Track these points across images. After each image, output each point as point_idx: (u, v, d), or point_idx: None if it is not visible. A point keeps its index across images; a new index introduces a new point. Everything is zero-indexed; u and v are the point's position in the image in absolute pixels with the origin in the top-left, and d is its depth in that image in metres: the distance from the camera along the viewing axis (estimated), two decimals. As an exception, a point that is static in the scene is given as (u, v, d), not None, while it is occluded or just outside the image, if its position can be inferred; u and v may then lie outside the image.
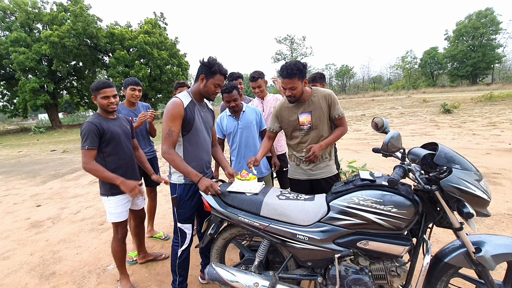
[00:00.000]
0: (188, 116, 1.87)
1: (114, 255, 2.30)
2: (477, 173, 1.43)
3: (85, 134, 2.02)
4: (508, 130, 8.20)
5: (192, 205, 2.01)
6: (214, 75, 1.87)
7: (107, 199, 2.18)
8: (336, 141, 2.25)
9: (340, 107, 2.19)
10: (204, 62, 1.87)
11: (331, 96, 2.15)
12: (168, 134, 1.82)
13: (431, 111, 15.01)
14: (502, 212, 3.19)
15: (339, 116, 2.17)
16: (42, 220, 4.09)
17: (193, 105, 1.93)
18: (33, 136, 20.19)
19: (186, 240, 2.03)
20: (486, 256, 1.44)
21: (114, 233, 2.27)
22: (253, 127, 2.64)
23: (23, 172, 7.92)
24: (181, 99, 1.87)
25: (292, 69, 1.98)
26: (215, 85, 1.90)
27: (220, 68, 1.87)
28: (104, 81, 2.17)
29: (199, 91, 1.94)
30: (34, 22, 25.33)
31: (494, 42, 40.85)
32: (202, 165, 2.03)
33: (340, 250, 1.57)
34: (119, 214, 2.21)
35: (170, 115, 1.82)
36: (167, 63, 27.24)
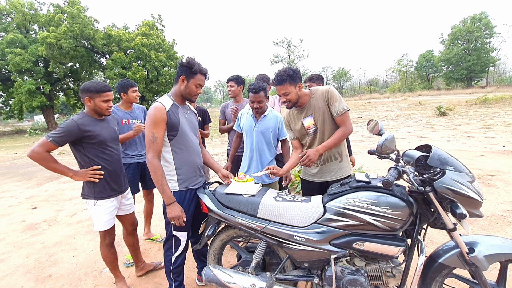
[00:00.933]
0: (172, 120, 1.80)
1: (105, 259, 2.26)
2: (470, 175, 1.45)
3: (62, 129, 1.90)
4: (502, 132, 8.31)
5: (189, 212, 1.92)
6: (194, 75, 1.83)
7: (93, 205, 2.08)
8: (338, 144, 2.06)
9: (342, 103, 2.02)
10: (183, 63, 1.83)
11: (328, 92, 2.05)
12: (152, 141, 1.75)
13: (427, 114, 15.15)
14: (496, 213, 3.23)
15: (339, 113, 2.01)
16: (38, 223, 4.06)
17: (175, 108, 1.86)
18: (28, 138, 20.05)
19: (180, 247, 1.96)
20: (479, 256, 1.46)
21: (101, 240, 2.21)
22: (269, 134, 2.55)
23: (18, 174, 7.86)
24: (162, 102, 1.80)
25: (281, 75, 2.00)
26: (196, 86, 1.87)
27: (200, 68, 1.84)
28: (104, 83, 2.08)
29: (180, 93, 1.89)
30: (31, 23, 25.25)
31: (488, 46, 41.39)
32: (195, 168, 1.96)
33: (336, 251, 1.59)
34: (106, 222, 2.13)
35: (152, 120, 1.75)
36: (165, 65, 27.23)
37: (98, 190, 2.07)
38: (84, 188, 2.11)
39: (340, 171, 2.15)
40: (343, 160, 2.17)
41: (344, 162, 2.18)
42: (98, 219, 2.11)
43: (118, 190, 2.20)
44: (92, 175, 2.03)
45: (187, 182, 1.91)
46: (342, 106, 2.01)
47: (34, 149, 1.86)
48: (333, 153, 2.14)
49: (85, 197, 2.11)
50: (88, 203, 2.12)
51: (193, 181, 1.95)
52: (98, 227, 2.13)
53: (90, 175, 2.02)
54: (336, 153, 2.15)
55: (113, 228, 2.23)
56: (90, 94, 2.00)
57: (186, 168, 1.90)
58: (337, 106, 2.01)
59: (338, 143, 2.06)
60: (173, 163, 1.87)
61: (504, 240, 1.53)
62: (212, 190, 1.96)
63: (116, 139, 2.22)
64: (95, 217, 2.12)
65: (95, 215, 2.11)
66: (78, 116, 2.01)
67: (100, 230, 2.14)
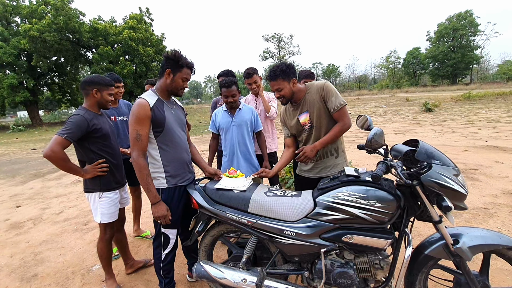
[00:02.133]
0: (157, 116, 1.74)
1: (101, 255, 2.23)
2: (455, 168, 1.49)
3: (72, 125, 1.88)
4: (485, 128, 8.57)
5: (177, 210, 1.90)
6: (181, 68, 1.78)
7: (98, 197, 2.08)
8: (335, 139, 2.04)
9: (338, 98, 1.97)
10: (169, 55, 1.77)
11: (323, 88, 2.00)
12: (136, 139, 1.69)
13: (414, 110, 15.47)
14: (479, 206, 3.35)
15: (336, 109, 1.96)
16: (23, 221, 3.95)
17: (160, 103, 1.80)
18: (11, 134, 19.38)
19: (170, 245, 1.93)
20: (463, 247, 1.51)
21: (101, 234, 2.19)
22: (246, 126, 2.60)
23: (1, 171, 7.60)
24: (146, 99, 1.74)
25: (274, 71, 1.99)
26: (182, 79, 1.81)
27: (187, 61, 1.80)
28: (108, 78, 2.14)
29: (165, 87, 1.83)
30: (12, 15, 24.26)
31: (472, 44, 42.50)
32: (183, 164, 1.93)
33: (326, 244, 1.61)
34: (112, 214, 2.14)
35: (136, 118, 1.69)
36: (153, 59, 26.74)
37: (103, 182, 2.08)
38: (86, 182, 2.09)
39: (336, 167, 2.12)
40: (339, 156, 2.14)
41: (341, 158, 2.15)
42: (104, 211, 2.10)
43: (121, 183, 2.25)
44: (99, 169, 2.04)
45: (176, 179, 1.88)
46: (339, 101, 1.96)
47: (53, 148, 1.81)
48: (329, 149, 2.11)
49: (90, 191, 2.10)
50: (91, 197, 2.10)
51: (181, 178, 1.91)
52: (104, 219, 2.11)
53: (97, 170, 2.04)
54: (333, 149, 2.12)
55: (115, 222, 2.22)
56: (98, 86, 2.04)
57: (174, 165, 1.87)
58: (333, 102, 1.97)
59: (336, 139, 2.04)
60: (160, 160, 1.83)
61: (487, 231, 1.58)
62: (202, 186, 1.94)
63: (114, 133, 2.24)
64: (100, 210, 2.10)
65: (101, 207, 2.09)
66: (82, 111, 2.00)
67: (105, 222, 2.12)
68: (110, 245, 2.24)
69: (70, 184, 5.83)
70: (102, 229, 2.18)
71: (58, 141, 1.83)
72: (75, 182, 5.89)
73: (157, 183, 1.84)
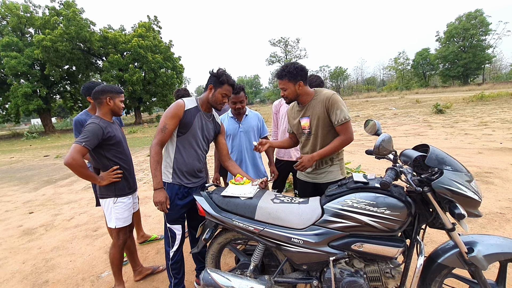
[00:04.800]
0: (186, 119, 1.91)
1: (112, 262, 2.25)
2: (468, 174, 1.44)
3: (89, 133, 1.94)
4: (499, 129, 8.34)
5: (180, 206, 1.99)
6: (222, 85, 1.93)
7: (113, 203, 2.12)
8: (335, 152, 2.05)
9: (343, 112, 1.95)
10: (213, 72, 1.95)
11: (329, 99, 1.99)
12: (162, 130, 1.87)
13: (424, 112, 15.20)
14: (494, 211, 3.23)
15: (339, 122, 1.96)
16: (35, 228, 4.03)
17: (196, 110, 1.98)
18: (25, 141, 19.92)
19: (176, 241, 2.03)
20: (478, 256, 1.45)
21: (115, 239, 2.21)
22: (253, 132, 2.62)
23: (15, 178, 7.81)
24: (185, 102, 1.94)
25: (282, 70, 2.03)
26: (222, 95, 1.95)
27: (228, 78, 1.94)
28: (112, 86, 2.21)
29: (207, 100, 2.01)
30: (26, 26, 25.14)
31: (484, 43, 41.64)
32: (191, 170, 2.01)
33: (335, 252, 1.57)
34: (126, 218, 2.19)
35: (169, 113, 1.89)
36: (162, 66, 27.20)
37: (118, 188, 2.14)
38: (101, 189, 2.14)
39: (330, 175, 2.15)
40: (333, 164, 2.16)
41: (335, 167, 2.16)
42: (118, 216, 2.15)
43: (134, 188, 2.31)
44: (114, 176, 2.10)
45: (180, 179, 1.98)
46: (344, 116, 1.95)
47: (73, 156, 1.85)
48: (324, 159, 2.13)
49: (104, 197, 2.14)
50: (105, 203, 2.15)
51: (187, 180, 2.01)
52: (118, 223, 2.16)
53: (112, 176, 2.09)
54: (328, 159, 2.14)
55: (127, 227, 2.25)
56: (111, 94, 2.12)
57: (182, 167, 1.98)
58: (338, 115, 1.96)
59: (335, 151, 2.05)
60: (173, 157, 1.97)
61: (503, 239, 1.52)
62: (209, 192, 1.94)
63: (126, 140, 2.31)
64: (115, 215, 2.14)
65: (115, 212, 2.14)
66: (97, 119, 2.06)
67: (120, 226, 2.17)
68: (122, 251, 2.27)
69: (81, 190, 5.93)
70: (115, 234, 2.20)
71: (77, 149, 1.88)
72: (85, 188, 5.99)
73: (164, 176, 1.98)
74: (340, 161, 2.19)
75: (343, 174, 2.18)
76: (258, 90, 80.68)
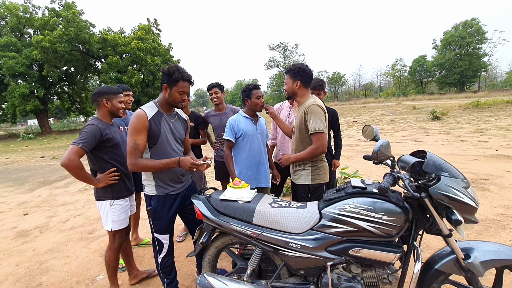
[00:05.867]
0: (153, 129, 1.80)
1: (108, 264, 2.23)
2: (465, 181, 1.46)
3: (87, 134, 1.95)
4: (494, 136, 8.42)
5: (167, 216, 1.95)
6: (176, 82, 1.82)
7: (109, 205, 2.11)
8: (307, 159, 2.17)
9: (316, 123, 2.05)
10: (164, 71, 1.83)
11: (306, 109, 2.10)
12: (134, 148, 1.75)
13: (421, 118, 15.32)
14: (490, 217, 3.25)
15: (311, 131, 2.07)
16: (29, 229, 3.98)
17: (159, 116, 1.86)
18: (21, 142, 19.76)
19: (164, 249, 2.00)
20: (475, 262, 1.46)
21: (111, 242, 2.20)
22: (266, 135, 2.72)
23: (10, 179, 7.73)
24: (145, 110, 1.80)
25: (289, 67, 2.25)
26: (179, 93, 1.84)
27: (182, 74, 1.81)
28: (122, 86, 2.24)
29: (165, 101, 1.89)
30: (25, 27, 25.06)
31: (480, 51, 42.14)
32: (173, 176, 1.95)
33: (333, 258, 1.57)
34: (122, 221, 2.18)
35: (134, 128, 1.76)
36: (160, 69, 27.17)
37: (115, 190, 2.13)
38: (98, 191, 2.13)
39: (301, 178, 2.27)
40: (305, 169, 2.25)
41: (306, 171, 2.24)
42: (115, 218, 2.14)
43: (131, 190, 2.30)
44: (111, 178, 2.09)
45: (164, 188, 1.93)
46: (315, 126, 2.05)
47: (70, 157, 1.86)
48: (298, 163, 2.28)
49: (101, 199, 2.13)
50: (102, 205, 2.14)
51: (171, 188, 1.95)
52: (115, 226, 2.15)
53: (109, 178, 2.08)
54: (301, 163, 2.26)
55: (124, 229, 2.24)
56: (107, 95, 2.12)
57: (164, 176, 1.91)
58: (311, 124, 2.08)
59: (307, 158, 2.17)
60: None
61: (499, 246, 1.53)
62: (206, 196, 1.94)
63: (124, 142, 2.24)
64: (111, 217, 2.13)
65: (112, 215, 2.13)
66: (96, 121, 2.07)
67: (116, 229, 2.15)
68: (118, 254, 2.25)
69: (76, 192, 5.88)
70: (111, 237, 2.19)
71: (74, 150, 1.88)
72: (81, 190, 5.94)
73: (148, 190, 1.93)
74: (313, 168, 2.23)
75: (314, 181, 2.23)
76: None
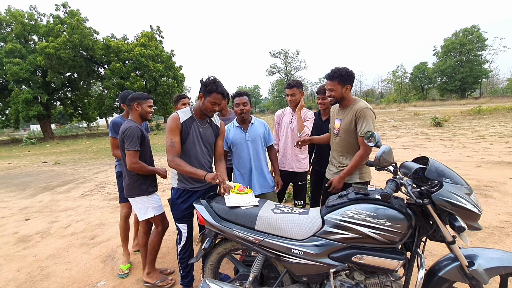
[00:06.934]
0: (184, 130, 2.05)
1: (153, 247, 2.44)
2: (467, 187, 1.46)
3: (132, 137, 2.21)
4: (497, 143, 8.39)
5: (182, 208, 2.15)
6: (210, 93, 1.99)
7: (146, 197, 2.36)
8: (358, 166, 2.21)
9: (367, 126, 2.09)
10: (202, 81, 2.03)
11: (358, 112, 2.14)
12: (171, 146, 2.01)
13: (422, 124, 15.30)
14: (494, 224, 3.23)
15: (361, 134, 2.10)
16: (31, 235, 3.98)
17: (191, 120, 2.09)
18: (24, 147, 19.85)
19: (183, 238, 2.19)
20: (479, 269, 1.45)
21: (157, 227, 2.44)
22: (260, 140, 2.59)
23: (12, 184, 7.74)
24: (179, 114, 2.06)
25: (334, 72, 2.18)
26: (211, 103, 2.01)
27: (216, 86, 1.98)
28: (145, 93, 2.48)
29: (199, 108, 2.09)
30: (30, 33, 25.44)
31: (480, 58, 42.32)
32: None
33: (335, 264, 1.56)
34: (159, 206, 2.44)
35: (169, 129, 2.02)
36: (163, 75, 27.44)
37: (148, 185, 2.38)
38: (131, 189, 2.35)
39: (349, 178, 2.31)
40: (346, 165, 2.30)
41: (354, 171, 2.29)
42: (154, 205, 2.40)
43: (157, 187, 2.53)
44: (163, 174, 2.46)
45: (185, 184, 2.14)
46: (367, 129, 2.08)
47: (131, 161, 2.22)
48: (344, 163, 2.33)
49: (135, 196, 2.36)
50: (137, 200, 2.37)
51: (191, 184, 2.15)
52: (156, 212, 2.39)
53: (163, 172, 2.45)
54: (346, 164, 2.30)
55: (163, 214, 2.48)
56: (139, 100, 2.40)
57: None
58: (363, 127, 2.12)
59: (358, 166, 2.21)
60: None
61: (503, 253, 1.52)
62: (209, 201, 1.94)
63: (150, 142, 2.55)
64: (151, 205, 2.38)
65: (151, 203, 2.38)
66: (131, 122, 2.33)
67: (157, 214, 2.40)
68: (161, 238, 2.47)
69: (78, 197, 5.89)
70: (157, 222, 2.43)
71: (132, 154, 2.23)
72: (83, 196, 5.95)
73: (172, 181, 2.20)
74: (361, 166, 2.28)
75: (362, 179, 2.30)
76: (258, 100, 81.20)
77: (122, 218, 2.92)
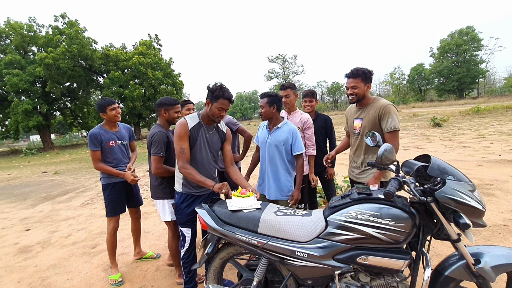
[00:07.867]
0: (192, 136, 2.06)
1: (175, 251, 2.51)
2: (470, 184, 1.45)
3: (158, 142, 2.28)
4: (497, 142, 8.39)
5: (186, 212, 2.16)
6: (217, 99, 2.01)
7: (168, 200, 2.43)
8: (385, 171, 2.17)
9: (394, 121, 2.12)
10: (209, 88, 2.05)
11: (382, 108, 2.17)
12: (181, 152, 2.02)
13: (422, 125, 15.32)
14: (498, 223, 3.20)
15: (388, 130, 2.13)
16: (31, 245, 3.94)
17: (199, 126, 2.10)
18: (24, 158, 19.82)
19: (186, 242, 2.19)
20: (485, 267, 1.43)
21: (173, 231, 2.49)
22: (280, 146, 2.45)
23: (12, 195, 7.71)
24: (187, 120, 2.07)
25: (358, 70, 2.21)
26: (218, 109, 2.03)
27: (223, 92, 2.00)
28: (174, 98, 2.50)
29: (206, 114, 2.11)
30: (29, 44, 25.59)
31: (477, 58, 42.62)
32: None
33: (340, 266, 1.55)
34: None
35: (178, 135, 2.03)
36: (162, 82, 27.57)
37: (171, 189, 2.37)
38: (158, 191, 2.45)
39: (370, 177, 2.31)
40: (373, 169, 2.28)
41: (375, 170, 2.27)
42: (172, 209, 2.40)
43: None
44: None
45: (189, 189, 2.16)
46: (394, 124, 2.12)
47: (156, 166, 2.31)
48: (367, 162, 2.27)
49: (160, 198, 2.46)
50: (161, 202, 2.46)
51: (195, 190, 2.16)
52: (173, 216, 2.41)
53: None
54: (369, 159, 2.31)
55: None
56: (166, 106, 2.45)
57: None
58: (389, 123, 2.14)
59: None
60: None
61: (509, 250, 1.50)
62: (211, 205, 1.92)
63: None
64: (169, 210, 2.44)
65: (170, 207, 2.43)
66: (158, 128, 2.40)
67: (174, 219, 2.42)
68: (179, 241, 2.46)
69: (79, 206, 5.85)
70: (172, 226, 2.48)
71: (157, 160, 2.30)
72: (83, 205, 5.91)
73: (176, 186, 2.21)
74: None
75: (385, 178, 2.29)
76: (256, 105, 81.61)
77: (110, 232, 2.78)
